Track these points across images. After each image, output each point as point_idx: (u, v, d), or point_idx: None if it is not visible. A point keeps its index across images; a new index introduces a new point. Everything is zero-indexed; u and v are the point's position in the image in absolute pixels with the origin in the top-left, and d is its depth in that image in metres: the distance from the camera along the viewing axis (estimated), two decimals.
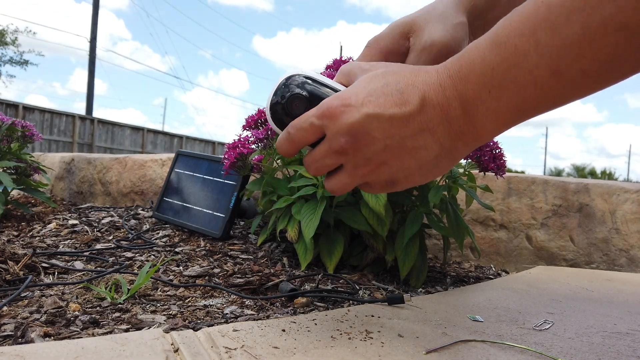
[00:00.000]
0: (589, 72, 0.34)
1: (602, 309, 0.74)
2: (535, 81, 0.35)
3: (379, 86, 0.41)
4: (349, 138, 0.42)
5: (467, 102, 0.39)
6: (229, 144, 0.99)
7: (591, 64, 0.33)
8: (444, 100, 0.39)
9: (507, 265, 1.27)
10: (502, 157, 0.84)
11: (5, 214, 1.23)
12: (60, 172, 1.84)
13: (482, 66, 0.37)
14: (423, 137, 0.41)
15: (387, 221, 0.84)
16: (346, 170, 0.44)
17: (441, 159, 0.42)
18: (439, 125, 0.40)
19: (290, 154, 0.46)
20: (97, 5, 13.47)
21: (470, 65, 0.38)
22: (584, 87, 0.35)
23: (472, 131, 0.40)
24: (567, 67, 0.34)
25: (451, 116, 0.40)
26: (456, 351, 0.49)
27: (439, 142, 0.41)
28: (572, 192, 1.26)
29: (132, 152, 12.10)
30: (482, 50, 0.37)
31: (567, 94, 0.36)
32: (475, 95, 0.38)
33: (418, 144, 0.41)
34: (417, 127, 0.40)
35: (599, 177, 33.70)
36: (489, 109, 0.38)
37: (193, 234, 1.14)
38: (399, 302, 0.66)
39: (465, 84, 0.38)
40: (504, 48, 0.36)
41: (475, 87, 0.38)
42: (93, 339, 0.46)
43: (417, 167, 0.43)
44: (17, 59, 16.51)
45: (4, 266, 0.75)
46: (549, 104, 0.37)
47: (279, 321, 0.55)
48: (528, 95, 0.36)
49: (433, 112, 0.40)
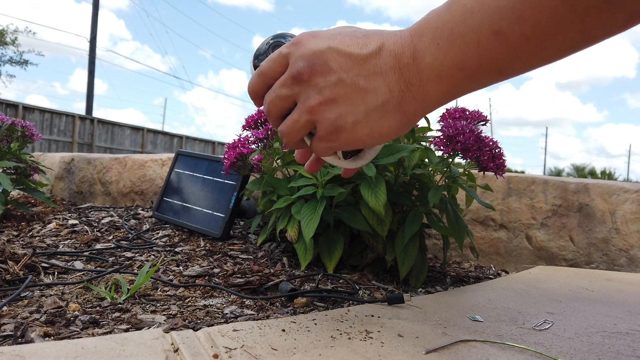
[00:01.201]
0: (530, 37, 0.36)
1: (602, 309, 0.74)
2: (478, 40, 0.38)
3: (349, 31, 0.45)
4: (307, 63, 0.44)
5: (417, 52, 0.41)
6: (229, 144, 0.99)
7: (532, 28, 0.35)
8: (399, 48, 0.42)
9: (507, 265, 1.27)
10: (502, 157, 0.84)
11: (5, 214, 1.23)
12: (60, 172, 1.84)
13: (436, 21, 0.40)
14: (375, 80, 0.43)
15: (387, 221, 0.84)
16: (297, 107, 0.46)
17: (389, 109, 0.43)
18: (390, 70, 0.42)
19: (258, 91, 0.48)
20: (97, 5, 13.46)
21: (427, 22, 0.41)
22: (527, 54, 0.37)
23: (419, 84, 0.42)
24: (508, 28, 0.36)
25: (402, 64, 0.42)
26: (456, 351, 0.49)
27: (389, 87, 0.43)
28: (572, 192, 1.26)
29: (132, 152, 12.10)
30: (440, 8, 0.41)
31: (510, 59, 0.38)
32: (425, 47, 0.41)
33: (369, 85, 0.43)
34: (371, 69, 0.42)
35: (599, 177, 33.71)
36: (435, 61, 0.40)
37: (193, 234, 1.14)
38: (398, 302, 0.66)
39: (419, 37, 0.41)
40: (455, 6, 0.39)
41: (426, 40, 0.40)
42: (93, 339, 0.46)
43: (364, 113, 0.43)
44: (17, 59, 16.51)
45: (4, 266, 0.75)
46: (492, 68, 0.39)
47: (278, 321, 0.55)
48: (471, 54, 0.38)
49: (387, 58, 0.42)
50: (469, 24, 0.37)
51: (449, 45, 0.39)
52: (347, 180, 0.90)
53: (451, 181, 0.87)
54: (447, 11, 0.39)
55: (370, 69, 0.42)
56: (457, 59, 0.39)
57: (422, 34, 0.41)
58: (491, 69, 0.39)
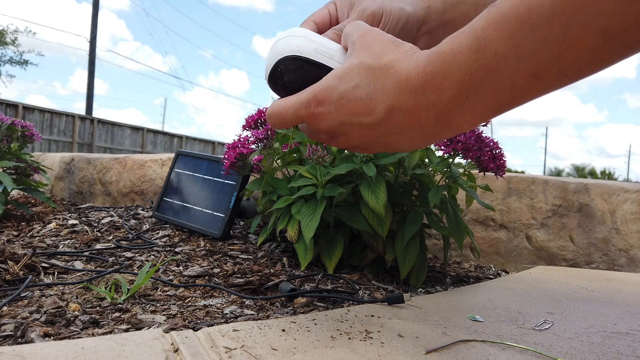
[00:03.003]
0: (567, 73, 0.34)
1: (602, 309, 0.74)
2: (514, 84, 0.35)
3: (349, 88, 0.42)
4: (328, 136, 0.47)
5: (442, 110, 0.38)
6: (229, 144, 0.99)
7: (570, 65, 0.33)
8: (414, 108, 0.39)
9: (507, 265, 1.27)
10: (502, 157, 0.84)
11: (5, 214, 1.23)
12: (60, 172, 1.84)
13: (459, 73, 0.36)
14: (395, 137, 0.43)
15: (387, 221, 0.84)
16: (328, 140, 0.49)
17: (416, 145, 0.45)
18: (410, 129, 0.41)
19: (278, 127, 0.50)
20: (96, 5, 13.46)
21: (446, 73, 0.37)
22: (560, 86, 0.35)
23: (446, 132, 0.41)
24: (546, 69, 0.34)
25: (423, 123, 0.40)
26: (456, 351, 0.49)
27: (412, 140, 0.43)
28: (572, 192, 1.26)
29: (132, 152, 12.10)
30: (459, 55, 0.36)
31: (543, 92, 0.36)
32: (451, 102, 0.38)
33: (390, 140, 0.44)
34: (387, 131, 0.42)
35: (599, 177, 33.70)
36: (465, 113, 0.38)
37: (193, 234, 1.14)
38: (398, 302, 0.66)
39: (440, 93, 0.37)
40: (482, 53, 0.35)
41: (451, 95, 0.37)
42: (93, 339, 0.46)
43: (391, 149, 0.47)
44: (16, 59, 16.50)
45: (3, 266, 0.75)
46: (524, 102, 0.37)
47: (278, 321, 0.55)
48: (506, 97, 0.36)
49: (403, 119, 0.41)
50: (504, 70, 0.34)
51: (481, 95, 0.36)
52: (347, 180, 0.90)
53: (451, 181, 0.87)
54: (472, 59, 0.35)
55: (386, 131, 0.42)
56: (490, 105, 0.37)
57: (443, 89, 0.37)
58: (523, 102, 0.37)
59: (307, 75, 0.46)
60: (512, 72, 0.34)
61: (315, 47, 0.47)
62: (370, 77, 0.42)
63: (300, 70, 0.47)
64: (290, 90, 0.47)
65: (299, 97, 0.46)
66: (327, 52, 0.47)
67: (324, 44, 0.47)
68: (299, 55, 0.46)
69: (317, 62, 0.47)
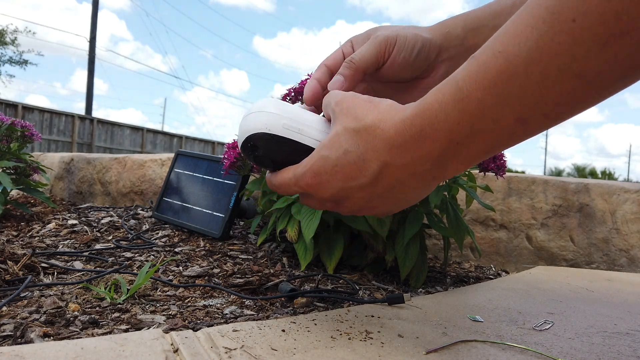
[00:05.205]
0: (551, 115, 0.35)
1: (602, 309, 0.74)
2: (501, 129, 0.36)
3: (340, 155, 0.44)
4: (333, 203, 0.48)
5: (435, 157, 0.40)
6: (229, 144, 0.99)
7: (553, 108, 0.34)
8: (408, 161, 0.41)
9: (507, 265, 1.26)
10: (502, 157, 0.84)
11: (5, 214, 1.23)
12: (60, 172, 1.84)
13: (446, 123, 0.38)
14: (397, 190, 0.44)
15: (387, 221, 0.84)
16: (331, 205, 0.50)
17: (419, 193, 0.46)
18: (408, 178, 0.43)
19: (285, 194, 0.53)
20: (96, 5, 13.46)
21: (434, 124, 0.38)
22: (547, 127, 0.37)
23: (443, 174, 0.43)
24: (530, 113, 0.35)
25: (418, 172, 0.42)
26: (456, 351, 0.49)
27: (414, 188, 0.44)
28: (572, 192, 1.26)
29: (131, 152, 12.09)
30: (445, 106, 0.37)
31: (531, 134, 0.37)
32: (442, 150, 0.39)
33: (393, 194, 0.45)
34: (387, 185, 0.44)
35: (599, 177, 33.71)
36: (459, 156, 0.40)
37: (193, 234, 1.13)
38: (399, 302, 0.66)
39: (431, 142, 0.39)
40: (467, 102, 0.36)
41: (442, 143, 0.39)
42: (92, 339, 0.46)
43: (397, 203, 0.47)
44: (16, 59, 16.50)
45: (3, 266, 0.75)
46: (514, 143, 0.39)
47: (278, 321, 0.55)
48: (495, 141, 0.38)
49: (398, 173, 0.42)
50: (489, 116, 0.36)
51: (470, 141, 0.38)
52: None
53: (452, 181, 0.87)
54: (457, 109, 0.37)
55: (385, 186, 0.44)
56: (480, 148, 0.39)
57: (432, 139, 0.39)
58: (512, 144, 0.39)
59: (279, 149, 0.48)
60: (499, 118, 0.36)
61: (284, 123, 0.47)
62: (357, 140, 0.43)
63: (270, 144, 0.48)
64: (265, 162, 0.50)
65: (295, 173, 0.47)
66: (296, 127, 0.48)
67: (294, 119, 0.48)
68: (267, 132, 0.47)
69: (285, 138, 0.48)
